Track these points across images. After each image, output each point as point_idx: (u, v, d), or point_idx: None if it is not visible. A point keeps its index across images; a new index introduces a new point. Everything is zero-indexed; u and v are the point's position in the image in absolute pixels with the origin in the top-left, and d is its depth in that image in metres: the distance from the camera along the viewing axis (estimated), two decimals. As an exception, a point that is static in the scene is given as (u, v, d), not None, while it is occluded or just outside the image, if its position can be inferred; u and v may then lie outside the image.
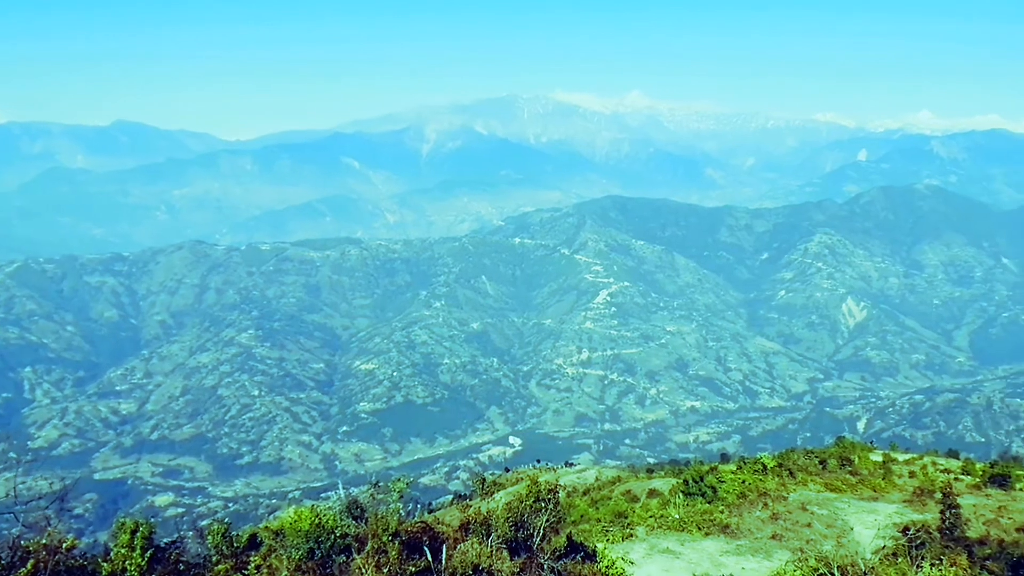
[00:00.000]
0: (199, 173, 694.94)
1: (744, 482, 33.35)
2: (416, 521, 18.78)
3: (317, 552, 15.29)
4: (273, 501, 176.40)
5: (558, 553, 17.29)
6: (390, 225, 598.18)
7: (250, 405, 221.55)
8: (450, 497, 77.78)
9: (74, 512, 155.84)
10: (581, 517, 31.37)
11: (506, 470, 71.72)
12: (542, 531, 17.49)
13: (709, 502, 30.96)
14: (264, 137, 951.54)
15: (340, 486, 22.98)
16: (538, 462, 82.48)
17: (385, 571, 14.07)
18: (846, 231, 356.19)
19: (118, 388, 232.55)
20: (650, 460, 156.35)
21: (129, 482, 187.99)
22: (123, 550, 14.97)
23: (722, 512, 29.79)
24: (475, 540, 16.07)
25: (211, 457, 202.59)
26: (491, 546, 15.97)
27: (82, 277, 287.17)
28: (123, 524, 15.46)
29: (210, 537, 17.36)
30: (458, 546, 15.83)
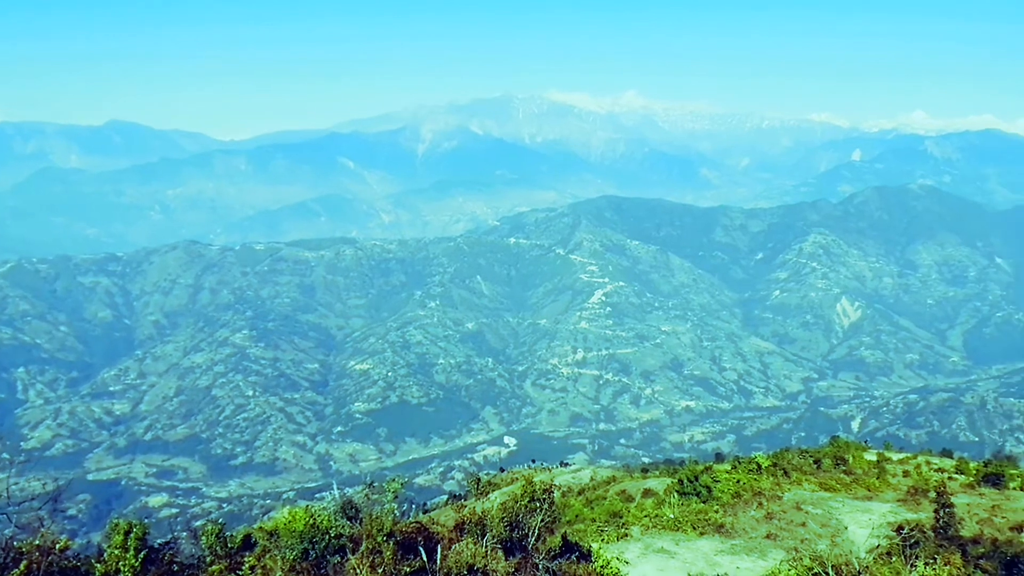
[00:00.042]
0: (193, 173, 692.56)
1: (739, 482, 33.39)
2: (411, 521, 18.74)
3: (312, 553, 15.27)
4: (267, 502, 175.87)
5: (553, 553, 17.29)
6: (385, 225, 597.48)
7: (244, 405, 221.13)
8: (445, 497, 77.51)
9: (67, 513, 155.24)
10: (576, 517, 31.36)
11: (501, 470, 71.53)
12: (537, 531, 17.48)
13: (704, 502, 30.98)
14: (259, 137, 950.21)
15: (335, 486, 22.95)
16: (533, 462, 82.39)
17: (380, 571, 14.05)
18: (840, 231, 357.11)
19: (112, 388, 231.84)
20: (645, 460, 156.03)
21: (123, 483, 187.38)
22: (117, 551, 14.92)
23: (717, 512, 29.81)
24: (470, 540, 16.06)
25: (205, 457, 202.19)
26: (486, 546, 15.96)
27: (76, 277, 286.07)
28: (117, 525, 15.40)
29: (204, 538, 17.31)
30: (453, 546, 15.82)
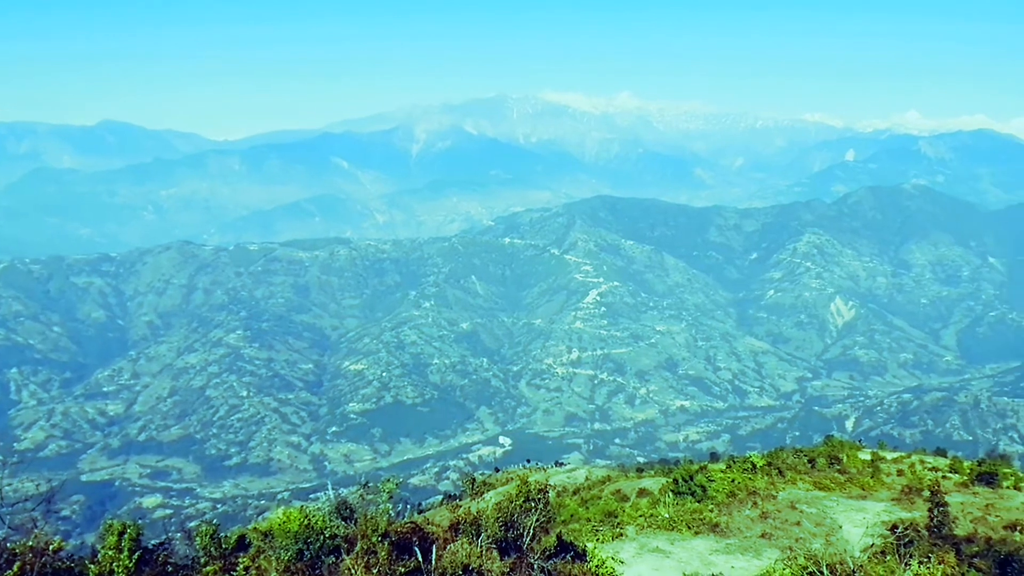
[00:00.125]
0: (187, 173, 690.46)
1: (734, 481, 33.45)
2: (406, 521, 18.71)
3: (306, 553, 15.24)
4: (262, 502, 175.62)
5: (548, 553, 17.28)
6: (379, 225, 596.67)
7: (238, 406, 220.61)
8: (440, 497, 77.57)
9: (61, 514, 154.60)
10: (571, 517, 31.38)
11: (496, 470, 71.60)
12: (532, 531, 17.47)
13: (699, 501, 31.01)
14: (252, 137, 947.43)
15: (329, 487, 22.90)
16: (528, 462, 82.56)
17: (374, 572, 14.02)
18: (834, 231, 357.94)
19: (105, 389, 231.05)
20: (640, 459, 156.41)
21: (116, 483, 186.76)
22: (110, 552, 14.85)
23: (712, 511, 29.85)
24: (465, 540, 16.04)
25: (199, 458, 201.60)
26: (481, 546, 15.94)
27: (69, 278, 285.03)
28: (110, 526, 15.33)
29: (198, 538, 17.24)
30: (448, 546, 15.80)
